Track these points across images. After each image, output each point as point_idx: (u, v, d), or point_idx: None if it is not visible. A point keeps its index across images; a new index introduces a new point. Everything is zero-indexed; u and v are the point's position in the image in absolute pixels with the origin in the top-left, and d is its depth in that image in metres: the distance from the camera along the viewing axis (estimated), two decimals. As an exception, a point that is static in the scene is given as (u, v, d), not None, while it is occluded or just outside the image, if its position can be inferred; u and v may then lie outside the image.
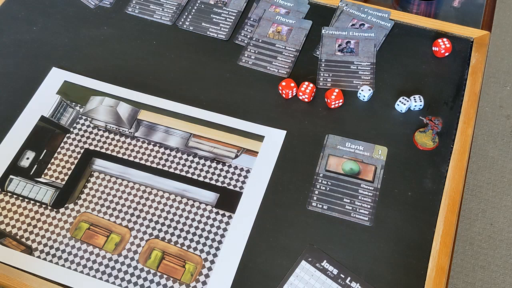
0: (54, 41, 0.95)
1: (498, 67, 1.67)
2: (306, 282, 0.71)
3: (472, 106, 0.85)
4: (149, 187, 0.80)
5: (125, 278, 0.73)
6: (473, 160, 1.51)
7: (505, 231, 1.40)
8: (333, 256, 0.73)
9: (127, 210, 0.78)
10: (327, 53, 0.92)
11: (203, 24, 0.97)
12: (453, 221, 0.75)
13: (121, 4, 1.00)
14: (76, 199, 0.79)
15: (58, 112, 0.87)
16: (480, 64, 0.89)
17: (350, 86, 0.88)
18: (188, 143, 0.84)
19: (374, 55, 0.91)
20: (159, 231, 0.77)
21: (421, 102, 0.84)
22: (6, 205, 0.79)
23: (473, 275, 1.34)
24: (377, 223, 0.76)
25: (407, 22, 0.95)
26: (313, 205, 0.78)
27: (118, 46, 0.95)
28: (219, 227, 0.77)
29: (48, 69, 0.92)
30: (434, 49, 0.91)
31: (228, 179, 0.81)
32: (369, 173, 0.80)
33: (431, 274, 0.71)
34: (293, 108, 0.87)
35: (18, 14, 0.99)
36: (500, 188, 1.46)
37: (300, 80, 0.88)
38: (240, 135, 0.84)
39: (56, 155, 0.83)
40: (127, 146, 0.84)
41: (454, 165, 0.80)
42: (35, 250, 0.75)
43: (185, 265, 0.74)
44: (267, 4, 0.98)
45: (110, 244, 0.76)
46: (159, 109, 0.87)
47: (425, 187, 0.78)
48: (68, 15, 0.99)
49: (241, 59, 0.92)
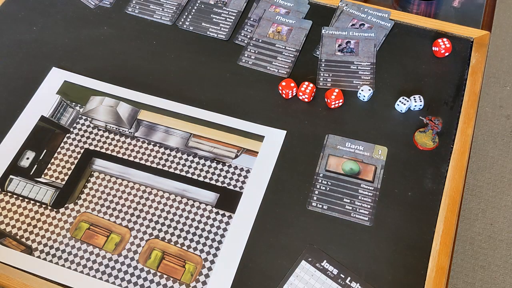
0: (54, 41, 0.95)
1: (498, 67, 1.67)
2: (306, 282, 0.71)
3: (472, 106, 0.85)
4: (149, 187, 0.80)
5: (125, 278, 0.73)
6: (473, 160, 1.51)
7: (505, 231, 1.40)
8: (333, 256, 0.73)
9: (127, 210, 0.78)
10: (327, 53, 0.92)
11: (203, 24, 0.97)
12: (453, 221, 0.75)
13: (121, 4, 1.00)
14: (76, 199, 0.79)
15: (58, 112, 0.87)
16: (480, 64, 0.89)
17: (350, 86, 0.88)
18: (188, 143, 0.84)
19: (374, 55, 0.91)
20: (159, 231, 0.77)
21: (421, 102, 0.84)
22: (6, 205, 0.79)
23: (473, 275, 1.34)
24: (377, 223, 0.76)
25: (407, 22, 0.95)
26: (313, 205, 0.78)
27: (118, 46, 0.95)
28: (219, 227, 0.77)
29: (48, 69, 0.92)
30: (434, 49, 0.91)
31: (228, 179, 0.81)
32: (369, 173, 0.80)
33: (431, 274, 0.71)
34: (293, 108, 0.87)
35: (18, 14, 0.99)
36: (500, 188, 1.46)
37: (300, 80, 0.88)
38: (240, 135, 0.84)
39: (56, 155, 0.83)
40: (127, 146, 0.84)
41: (454, 165, 0.80)
42: (35, 250, 0.75)
43: (185, 265, 0.74)
44: (267, 4, 0.98)
45: (110, 244, 0.76)
46: (159, 109, 0.87)
47: (425, 187, 0.78)
48: (68, 15, 0.99)
49: (241, 59, 0.92)
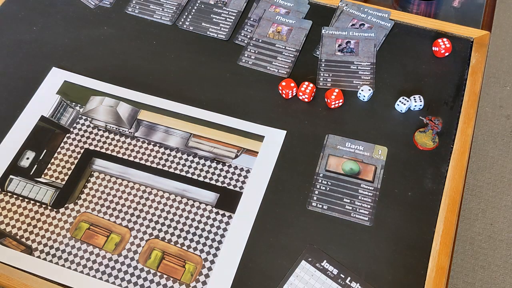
0: (54, 41, 0.95)
1: (498, 67, 1.67)
2: (306, 282, 0.71)
3: (472, 106, 0.85)
4: (149, 187, 0.80)
5: (125, 278, 0.73)
6: (473, 160, 1.51)
7: (505, 231, 1.40)
8: (333, 256, 0.73)
9: (127, 210, 0.78)
10: (327, 53, 0.92)
11: (203, 24, 0.97)
12: (453, 221, 0.75)
13: (121, 4, 1.00)
14: (76, 199, 0.79)
15: (58, 112, 0.87)
16: (480, 64, 0.89)
17: (350, 86, 0.88)
18: (188, 143, 0.84)
19: (374, 55, 0.91)
20: (159, 231, 0.77)
21: (421, 102, 0.84)
22: (6, 205, 0.79)
23: (473, 275, 1.34)
24: (377, 223, 0.76)
25: (407, 22, 0.95)
26: (313, 205, 0.77)
27: (118, 46, 0.95)
28: (219, 227, 0.77)
29: (48, 69, 0.92)
30: (434, 49, 0.91)
31: (228, 179, 0.81)
32: (369, 173, 0.80)
33: (431, 274, 0.71)
34: (293, 108, 0.87)
35: (18, 14, 0.99)
36: (500, 188, 1.46)
37: (300, 80, 0.88)
38: (240, 135, 0.84)
39: (56, 155, 0.83)
40: (127, 146, 0.84)
41: (454, 165, 0.80)
42: (35, 250, 0.75)
43: (185, 265, 0.74)
44: (267, 4, 0.98)
45: (110, 244, 0.76)
46: (159, 109, 0.87)
47: (425, 187, 0.78)
48: (68, 15, 0.99)
49: (241, 59, 0.92)
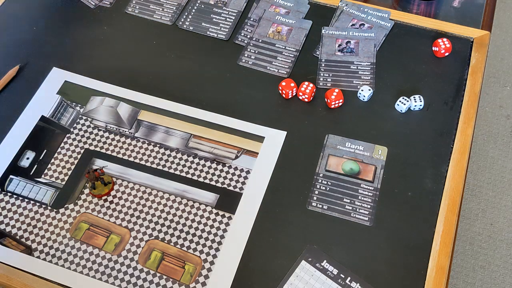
0: (54, 41, 0.95)
1: (498, 67, 1.67)
2: (306, 282, 0.71)
3: (472, 106, 0.85)
4: (149, 187, 0.80)
5: (125, 278, 0.73)
6: (473, 160, 1.51)
7: (505, 231, 1.40)
8: (333, 256, 0.73)
9: (127, 211, 0.78)
10: (327, 53, 0.92)
11: (203, 24, 0.97)
12: (453, 221, 0.75)
13: (121, 4, 1.00)
14: (76, 199, 0.79)
15: (58, 112, 0.87)
16: (480, 64, 0.89)
17: (350, 86, 0.88)
18: (188, 144, 0.84)
19: (374, 55, 0.91)
20: (159, 232, 0.77)
21: (421, 102, 0.84)
22: (6, 205, 0.79)
23: (473, 275, 1.34)
24: (377, 223, 0.76)
25: (407, 22, 0.95)
26: (313, 205, 0.77)
27: (118, 46, 0.95)
28: (218, 228, 0.77)
29: (48, 69, 0.92)
30: (434, 49, 0.91)
31: (228, 180, 0.80)
32: (369, 173, 0.80)
33: (431, 274, 0.71)
34: (293, 108, 0.87)
35: (18, 14, 0.99)
36: (500, 188, 1.46)
37: (300, 80, 0.88)
38: (240, 135, 0.84)
39: (56, 155, 0.83)
40: (127, 146, 0.84)
41: (454, 165, 0.80)
42: (35, 250, 0.75)
43: (185, 266, 0.74)
44: (267, 4, 0.98)
45: (110, 244, 0.76)
46: (159, 109, 0.87)
47: (425, 187, 0.78)
48: (68, 15, 0.99)
49: (241, 59, 0.92)
